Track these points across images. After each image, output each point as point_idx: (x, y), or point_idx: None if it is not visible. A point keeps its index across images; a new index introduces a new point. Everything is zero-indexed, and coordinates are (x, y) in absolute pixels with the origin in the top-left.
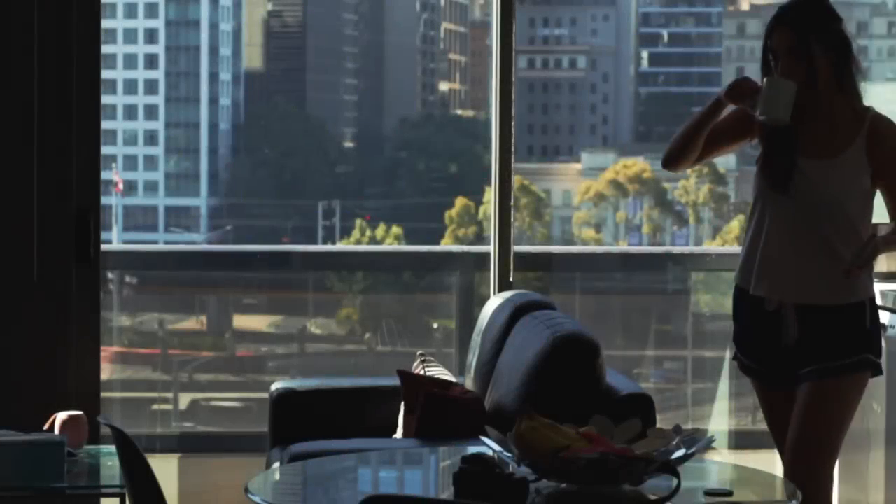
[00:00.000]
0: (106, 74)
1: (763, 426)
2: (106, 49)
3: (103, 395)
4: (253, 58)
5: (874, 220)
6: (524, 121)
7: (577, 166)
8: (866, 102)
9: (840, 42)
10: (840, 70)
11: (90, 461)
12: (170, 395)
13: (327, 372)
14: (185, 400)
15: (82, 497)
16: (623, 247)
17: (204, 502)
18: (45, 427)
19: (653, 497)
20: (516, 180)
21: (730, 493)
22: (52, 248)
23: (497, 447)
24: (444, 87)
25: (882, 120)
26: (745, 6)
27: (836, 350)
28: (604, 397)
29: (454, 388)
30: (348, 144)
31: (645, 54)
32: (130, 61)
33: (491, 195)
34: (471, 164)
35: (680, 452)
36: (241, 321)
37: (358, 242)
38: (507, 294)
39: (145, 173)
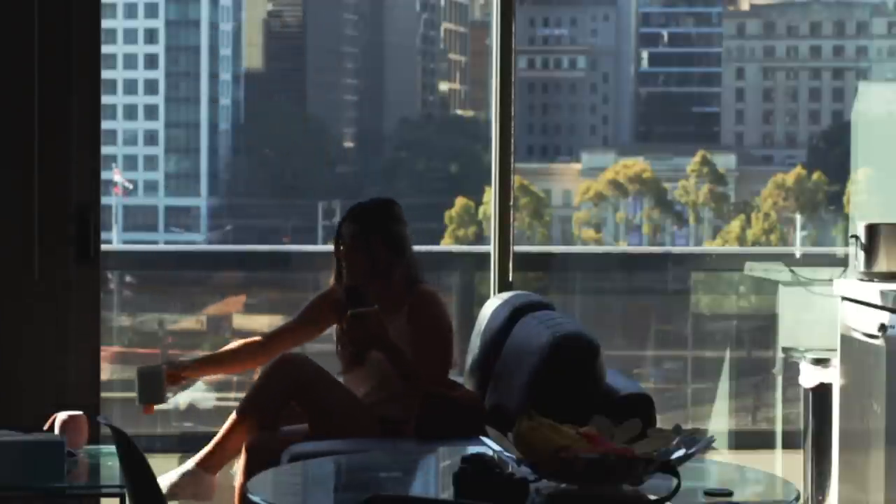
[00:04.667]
0: (106, 74)
1: (763, 426)
2: (106, 49)
3: (103, 395)
4: (253, 58)
5: (873, 219)
6: (524, 121)
7: (577, 166)
8: (867, 102)
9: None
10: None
11: (90, 461)
12: (170, 395)
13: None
14: (184, 400)
15: (82, 497)
16: (623, 247)
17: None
18: (45, 427)
19: (653, 497)
20: (516, 180)
21: (730, 494)
22: (52, 246)
23: (497, 447)
24: (444, 87)
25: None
26: (745, 6)
27: None
28: (604, 397)
29: (454, 388)
30: (348, 144)
31: (645, 54)
32: (130, 61)
33: (491, 195)
34: (471, 164)
35: (680, 452)
36: (241, 321)
37: None
38: (506, 295)
39: (145, 173)
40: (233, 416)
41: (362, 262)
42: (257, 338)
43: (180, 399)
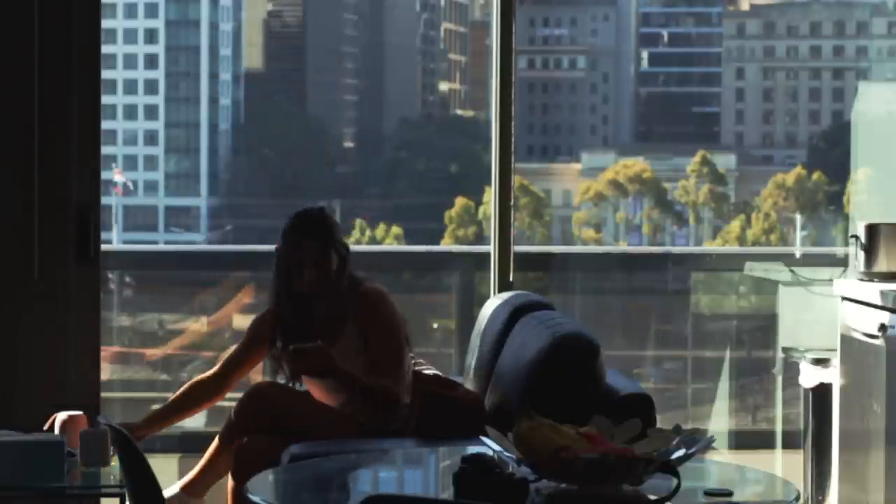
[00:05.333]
0: (106, 74)
1: (763, 426)
2: (106, 49)
3: (103, 395)
4: (253, 58)
5: (873, 219)
6: (524, 121)
7: (577, 166)
8: (867, 102)
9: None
10: None
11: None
12: (170, 395)
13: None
14: None
15: (82, 497)
16: (623, 247)
17: (203, 502)
18: (45, 427)
19: (653, 497)
20: (516, 180)
21: (730, 494)
22: (52, 246)
23: (497, 447)
24: (444, 87)
25: None
26: (745, 6)
27: None
28: (604, 397)
29: (455, 388)
30: (348, 144)
31: (645, 54)
32: (130, 61)
33: (491, 195)
34: (471, 164)
35: (680, 452)
36: (242, 321)
37: (358, 242)
38: (506, 295)
39: (145, 173)
40: (215, 442)
41: (320, 275)
42: (208, 374)
43: None
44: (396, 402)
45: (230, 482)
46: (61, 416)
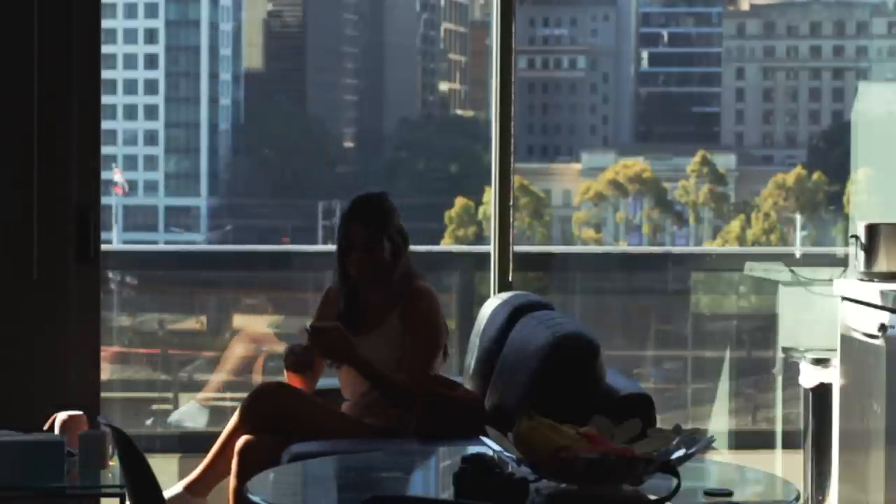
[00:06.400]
0: (106, 74)
1: (763, 426)
2: (106, 49)
3: (103, 395)
4: (253, 58)
5: (873, 219)
6: (524, 121)
7: (577, 166)
8: (867, 102)
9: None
10: None
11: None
12: (170, 395)
13: (327, 372)
14: (185, 400)
15: (82, 497)
16: (623, 247)
17: (206, 501)
18: (45, 427)
19: (653, 497)
20: (516, 180)
21: (730, 494)
22: (52, 247)
23: (497, 447)
24: (444, 87)
25: None
26: (745, 6)
27: None
28: (604, 397)
29: (454, 388)
30: (348, 144)
31: (645, 54)
32: (130, 61)
33: (491, 195)
34: (471, 164)
35: (680, 452)
36: (241, 321)
37: None
38: (505, 295)
39: (145, 173)
40: (219, 441)
41: (369, 261)
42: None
43: (180, 399)
44: (412, 403)
45: (232, 482)
46: (61, 416)
